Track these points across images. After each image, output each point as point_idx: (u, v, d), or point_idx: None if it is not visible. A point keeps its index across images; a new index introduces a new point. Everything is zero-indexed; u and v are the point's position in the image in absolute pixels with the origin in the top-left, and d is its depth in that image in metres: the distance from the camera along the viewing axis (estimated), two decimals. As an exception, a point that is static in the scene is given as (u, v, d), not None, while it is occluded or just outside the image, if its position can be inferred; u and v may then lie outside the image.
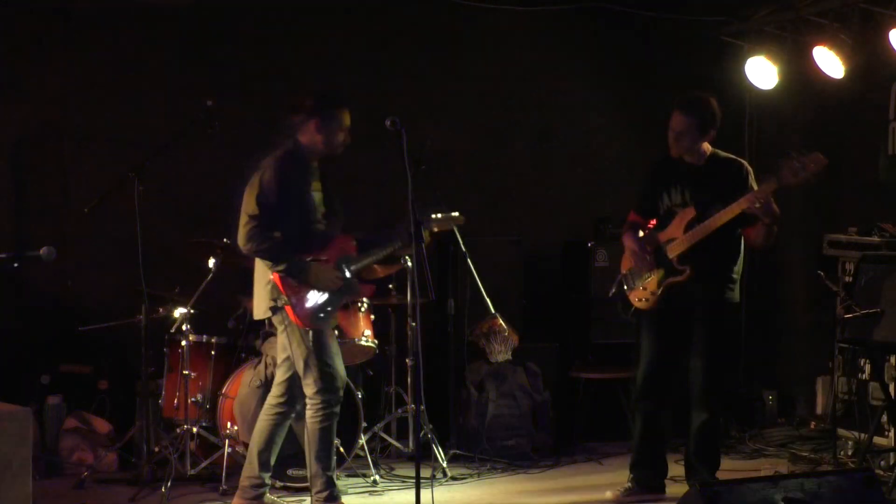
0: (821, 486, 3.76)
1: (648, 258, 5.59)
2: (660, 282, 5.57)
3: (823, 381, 7.15)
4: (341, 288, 5.24)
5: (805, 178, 5.19)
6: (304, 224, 5.23)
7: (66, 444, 6.31)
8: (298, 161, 5.26)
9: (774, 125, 7.78)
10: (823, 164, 5.16)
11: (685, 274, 5.49)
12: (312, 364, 5.17)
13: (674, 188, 5.60)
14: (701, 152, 5.57)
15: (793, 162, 5.19)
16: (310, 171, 5.29)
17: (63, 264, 6.79)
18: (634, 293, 5.70)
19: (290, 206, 5.18)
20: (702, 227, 5.43)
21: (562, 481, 6.23)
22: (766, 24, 7.22)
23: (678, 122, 5.52)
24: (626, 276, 5.75)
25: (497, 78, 7.73)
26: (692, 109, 5.50)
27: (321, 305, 5.19)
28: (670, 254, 5.53)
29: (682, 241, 5.49)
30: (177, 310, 6.14)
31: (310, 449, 5.27)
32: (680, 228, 5.53)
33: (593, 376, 6.91)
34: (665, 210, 5.64)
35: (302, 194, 5.24)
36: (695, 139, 5.52)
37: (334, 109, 5.24)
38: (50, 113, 6.92)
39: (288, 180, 5.19)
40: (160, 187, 6.72)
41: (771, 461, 6.48)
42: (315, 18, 7.34)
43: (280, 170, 5.19)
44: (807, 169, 5.17)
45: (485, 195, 7.72)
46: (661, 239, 5.61)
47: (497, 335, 6.70)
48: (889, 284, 5.61)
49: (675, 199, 5.60)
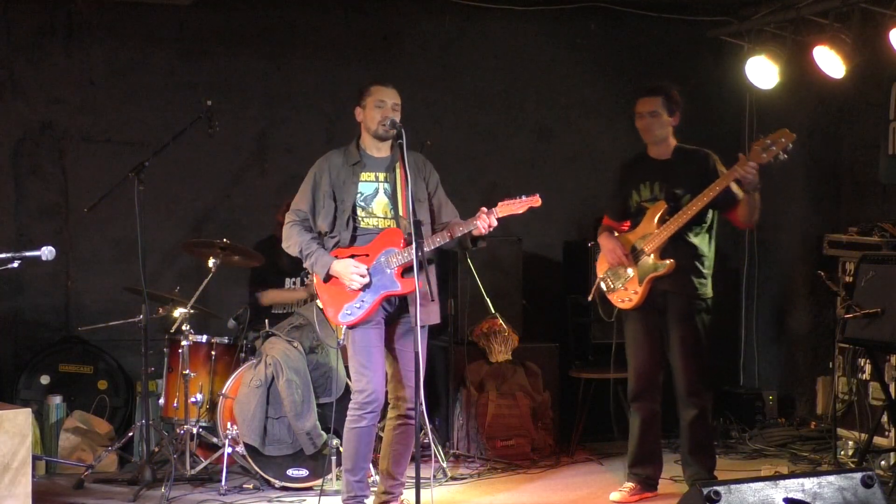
0: (821, 486, 3.76)
1: (627, 257, 5.61)
2: (641, 278, 5.58)
3: (823, 381, 7.15)
4: (371, 284, 5.03)
5: (775, 154, 5.29)
6: (340, 217, 5.10)
7: (66, 444, 6.31)
8: (345, 153, 5.17)
9: (774, 125, 7.73)
10: (791, 138, 5.28)
11: (667, 267, 5.50)
12: (350, 363, 5.14)
13: (643, 184, 5.65)
14: (667, 145, 5.65)
15: (763, 140, 5.32)
16: (357, 163, 5.13)
17: (63, 264, 6.82)
18: (616, 294, 5.69)
19: (321, 200, 5.12)
20: (683, 213, 5.45)
21: (562, 481, 6.23)
22: (766, 24, 7.22)
23: (645, 105, 5.62)
24: (604, 279, 5.75)
25: (497, 78, 7.73)
26: (654, 89, 5.63)
27: (349, 302, 5.07)
28: (647, 248, 5.55)
29: (660, 234, 5.51)
30: (177, 310, 6.14)
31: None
32: (652, 223, 5.56)
33: (593, 376, 6.91)
34: (636, 207, 5.67)
35: (338, 187, 5.11)
36: (664, 121, 5.60)
37: (366, 87, 5.16)
38: (50, 113, 6.93)
39: (320, 172, 5.14)
40: (160, 187, 6.73)
41: (771, 461, 6.48)
42: (315, 18, 7.35)
43: (317, 164, 5.18)
44: (776, 144, 5.28)
45: (484, 195, 7.71)
46: (632, 238, 5.64)
47: (497, 335, 6.70)
48: (889, 284, 5.61)
49: (645, 194, 5.64)
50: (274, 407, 5.88)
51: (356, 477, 5.13)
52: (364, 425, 5.07)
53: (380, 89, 5.12)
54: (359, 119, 5.17)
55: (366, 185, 5.13)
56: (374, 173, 5.14)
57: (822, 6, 6.75)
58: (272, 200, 6.89)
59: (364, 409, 5.05)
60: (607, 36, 7.85)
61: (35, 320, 6.88)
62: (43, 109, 6.91)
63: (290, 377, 5.84)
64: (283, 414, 5.86)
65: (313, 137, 7.25)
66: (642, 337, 5.67)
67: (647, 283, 5.56)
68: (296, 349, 5.95)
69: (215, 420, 6.06)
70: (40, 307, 6.90)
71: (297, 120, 7.34)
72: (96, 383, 6.72)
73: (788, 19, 7.03)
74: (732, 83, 7.58)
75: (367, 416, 5.06)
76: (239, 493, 5.83)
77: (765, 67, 7.09)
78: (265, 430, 5.85)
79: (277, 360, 5.87)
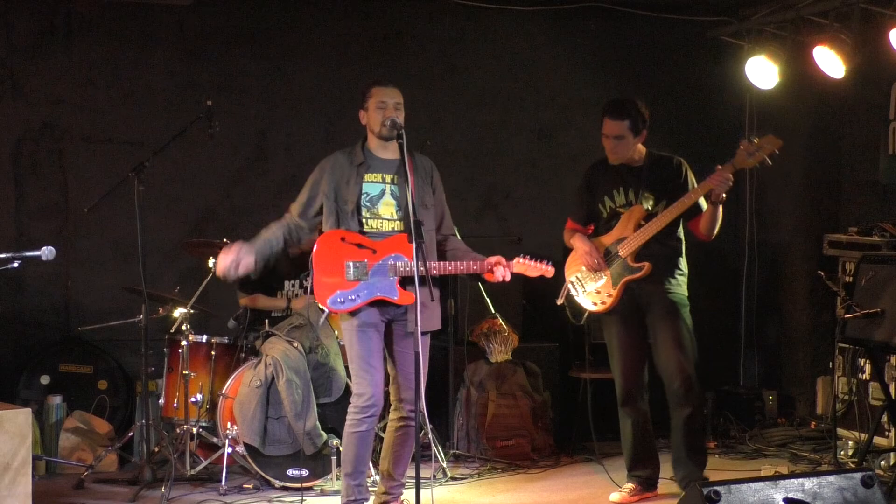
0: (821, 486, 3.76)
1: (600, 260, 5.61)
2: (616, 281, 5.58)
3: (823, 381, 7.15)
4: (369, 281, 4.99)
5: (760, 159, 5.35)
6: (343, 218, 5.06)
7: (66, 444, 6.31)
8: (350, 154, 5.15)
9: (774, 125, 7.77)
10: (777, 144, 5.33)
11: (644, 270, 5.52)
12: (349, 366, 5.11)
13: (616, 190, 5.66)
14: (638, 151, 5.66)
15: (748, 145, 5.37)
16: (360, 163, 5.10)
17: (63, 264, 6.82)
18: (587, 297, 5.70)
19: (323, 200, 5.10)
20: (660, 218, 5.48)
21: (562, 481, 6.23)
22: (766, 24, 7.22)
23: (611, 128, 5.59)
24: (573, 282, 5.75)
25: (497, 78, 7.73)
26: (621, 113, 5.57)
27: (344, 290, 4.99)
28: (622, 252, 5.56)
29: (636, 238, 5.53)
30: (177, 310, 6.14)
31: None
32: (628, 227, 5.57)
33: (593, 376, 6.90)
34: (609, 212, 5.68)
35: (341, 187, 5.08)
36: (629, 143, 5.60)
37: (367, 88, 5.14)
38: (50, 113, 6.93)
39: (322, 173, 5.12)
40: (160, 187, 6.73)
41: (771, 461, 6.48)
42: (315, 18, 7.35)
43: (320, 165, 5.17)
44: (762, 150, 5.33)
45: (485, 195, 7.72)
46: (606, 242, 5.65)
47: (497, 335, 6.70)
48: (889, 284, 5.61)
49: (619, 200, 5.65)
50: (274, 407, 5.87)
51: (356, 481, 5.11)
52: (363, 430, 5.05)
53: (380, 90, 5.10)
54: (363, 122, 5.16)
55: (371, 186, 5.10)
56: (380, 174, 5.11)
57: (822, 6, 6.75)
58: (272, 200, 6.90)
59: (364, 414, 5.03)
60: (607, 36, 7.84)
61: (35, 320, 6.88)
62: (43, 109, 6.92)
63: (290, 377, 5.84)
64: (283, 414, 5.86)
65: (313, 137, 7.26)
66: (625, 339, 5.68)
67: (621, 286, 5.57)
68: (296, 349, 5.95)
69: (215, 420, 6.06)
70: (40, 307, 6.90)
71: (297, 120, 7.34)
72: (96, 383, 6.73)
73: (788, 19, 7.03)
74: (732, 83, 7.59)
75: (366, 420, 5.04)
76: (239, 493, 5.83)
77: (765, 67, 7.09)
78: (265, 430, 5.85)
79: (277, 360, 5.87)
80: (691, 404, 5.60)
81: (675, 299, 5.60)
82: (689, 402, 5.59)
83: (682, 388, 5.57)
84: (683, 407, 5.59)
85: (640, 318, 5.64)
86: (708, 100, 7.78)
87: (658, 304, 5.58)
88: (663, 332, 5.58)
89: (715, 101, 7.85)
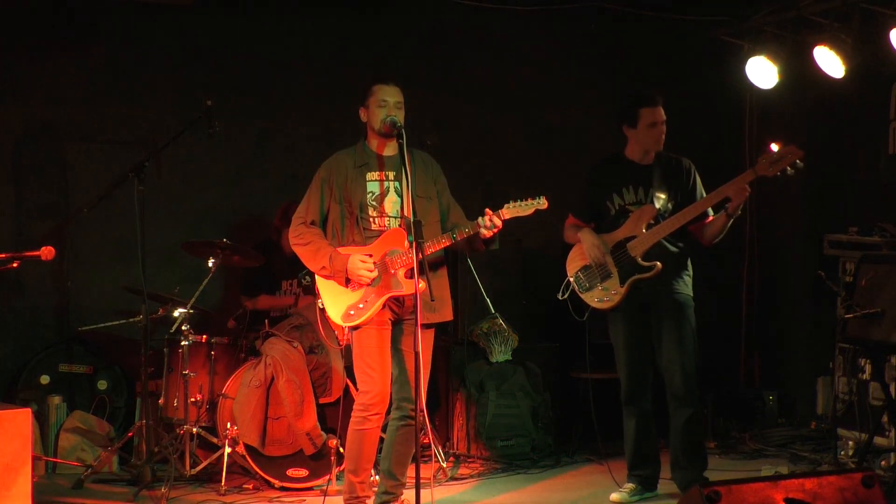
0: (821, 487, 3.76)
1: (608, 257, 5.60)
2: (624, 279, 5.57)
3: (823, 381, 7.15)
4: (375, 283, 4.99)
5: (781, 168, 5.35)
6: (348, 219, 5.08)
7: (65, 444, 6.31)
8: (351, 154, 5.15)
9: (774, 125, 7.78)
10: (799, 154, 5.33)
11: (655, 270, 5.50)
12: (355, 364, 5.10)
13: (625, 188, 5.65)
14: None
15: (771, 154, 5.37)
16: (364, 164, 5.10)
17: (63, 264, 6.81)
18: (591, 294, 5.67)
19: (330, 203, 5.10)
20: (675, 219, 5.48)
21: (562, 481, 6.23)
22: (766, 24, 7.22)
23: (659, 114, 5.63)
24: (577, 278, 5.73)
25: (497, 78, 7.73)
26: (658, 99, 5.65)
27: (352, 302, 5.02)
28: (633, 251, 5.55)
29: (648, 237, 5.52)
30: (177, 310, 6.14)
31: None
32: (639, 225, 5.56)
33: (593, 376, 6.90)
34: (618, 210, 5.66)
35: (345, 188, 5.08)
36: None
37: (369, 86, 5.13)
38: (50, 113, 6.93)
39: (328, 175, 5.11)
40: (160, 187, 6.73)
41: (771, 461, 6.48)
42: (315, 18, 7.35)
43: (323, 167, 5.15)
44: (783, 160, 5.33)
45: (485, 195, 7.71)
46: (615, 238, 5.62)
47: (497, 335, 6.70)
48: (889, 284, 5.61)
49: (629, 197, 5.64)
50: (274, 407, 5.87)
51: (359, 478, 5.11)
52: (369, 427, 5.04)
53: (382, 88, 5.09)
54: (364, 120, 5.15)
55: (375, 185, 5.10)
56: (382, 172, 5.11)
57: (822, 6, 6.75)
58: (272, 200, 6.90)
59: (369, 411, 5.02)
60: (607, 36, 7.85)
61: (35, 320, 6.88)
62: (43, 109, 6.91)
63: (290, 377, 5.84)
64: (283, 414, 5.86)
65: (313, 137, 7.25)
66: (632, 338, 5.67)
67: (629, 284, 5.56)
68: (296, 349, 5.95)
69: (215, 420, 6.06)
70: (40, 307, 6.90)
71: (297, 120, 7.34)
72: (96, 383, 6.72)
73: (788, 19, 7.03)
74: (732, 83, 7.58)
75: (372, 417, 5.03)
76: (239, 493, 5.84)
77: (765, 67, 7.09)
78: (265, 430, 5.85)
79: (277, 360, 5.87)
80: (693, 406, 5.59)
81: (682, 300, 5.60)
82: (690, 403, 5.59)
83: (683, 388, 5.57)
84: (684, 408, 5.59)
85: (645, 316, 5.63)
86: (708, 100, 7.78)
87: (664, 303, 5.58)
88: (667, 332, 5.58)
89: (715, 101, 7.84)
